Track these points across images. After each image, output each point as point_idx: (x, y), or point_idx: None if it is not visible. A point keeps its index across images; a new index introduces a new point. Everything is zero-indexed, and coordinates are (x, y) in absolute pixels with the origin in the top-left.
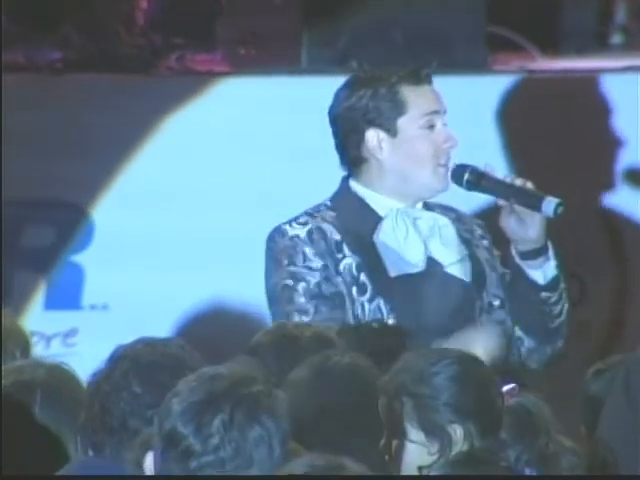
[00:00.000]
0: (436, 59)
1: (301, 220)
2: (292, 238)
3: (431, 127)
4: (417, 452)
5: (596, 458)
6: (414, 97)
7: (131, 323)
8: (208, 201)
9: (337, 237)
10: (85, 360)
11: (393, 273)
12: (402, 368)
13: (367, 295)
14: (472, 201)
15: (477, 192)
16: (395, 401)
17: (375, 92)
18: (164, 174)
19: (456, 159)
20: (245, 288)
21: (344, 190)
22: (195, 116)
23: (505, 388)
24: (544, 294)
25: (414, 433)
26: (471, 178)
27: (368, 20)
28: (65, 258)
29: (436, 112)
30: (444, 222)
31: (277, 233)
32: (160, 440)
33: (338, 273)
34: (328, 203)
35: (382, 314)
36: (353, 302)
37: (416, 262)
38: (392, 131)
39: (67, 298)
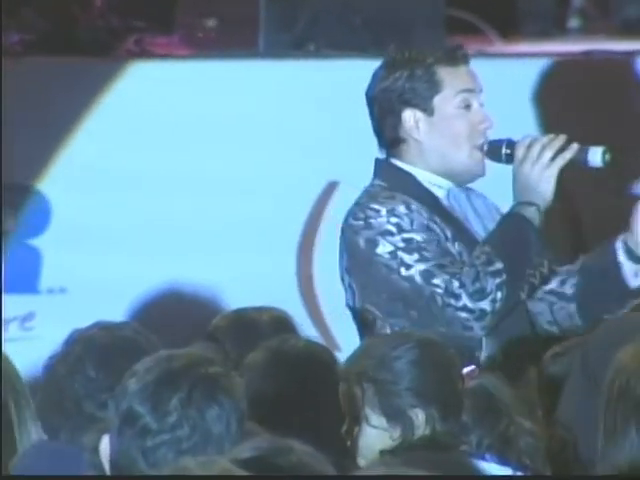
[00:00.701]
0: (394, 42)
1: (384, 195)
2: (390, 211)
3: (467, 107)
4: (379, 437)
5: (554, 440)
6: (450, 77)
7: (89, 307)
8: (167, 186)
9: (424, 208)
10: (43, 344)
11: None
12: (363, 354)
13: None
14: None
15: None
16: (356, 387)
17: (412, 73)
18: (123, 158)
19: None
20: (203, 273)
21: (392, 169)
22: (154, 99)
23: (465, 370)
24: (628, 296)
25: (375, 418)
26: (509, 151)
27: (327, 3)
28: (21, 241)
29: (471, 90)
30: (492, 203)
31: (365, 212)
32: (117, 420)
33: (447, 240)
34: (383, 184)
35: None
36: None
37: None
38: (428, 110)
39: (25, 281)
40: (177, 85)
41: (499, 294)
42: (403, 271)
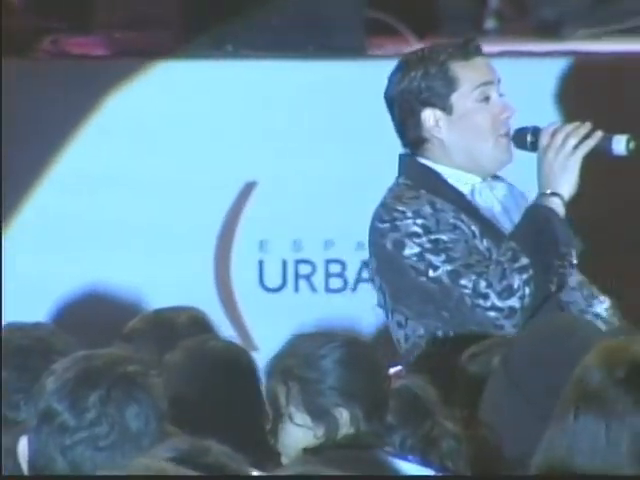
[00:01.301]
0: (313, 44)
1: (409, 195)
2: (416, 212)
3: (486, 99)
4: (303, 436)
5: (476, 440)
6: (465, 72)
7: (4, 306)
8: (84, 185)
9: (449, 206)
10: None
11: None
12: (288, 352)
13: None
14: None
15: None
16: (280, 385)
17: (426, 72)
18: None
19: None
20: (120, 274)
21: (417, 167)
22: (74, 100)
23: (392, 370)
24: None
25: (299, 417)
26: (534, 139)
27: (246, 4)
28: None
29: (489, 83)
30: (518, 191)
31: (391, 214)
32: (35, 419)
33: (474, 237)
34: (408, 182)
35: None
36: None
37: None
38: (447, 109)
39: None
40: (92, 84)
41: (527, 290)
42: (431, 273)
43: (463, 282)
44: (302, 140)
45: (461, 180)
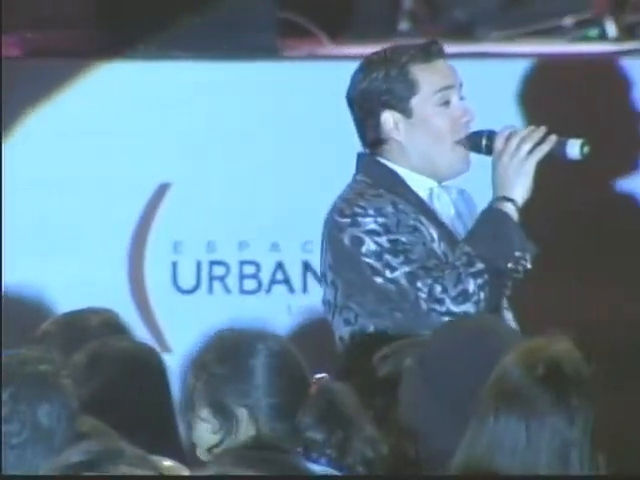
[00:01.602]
0: (228, 44)
1: (371, 193)
2: (378, 210)
3: (446, 103)
4: (205, 430)
5: (393, 442)
6: (425, 75)
7: None
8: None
9: (410, 208)
10: None
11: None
12: (207, 347)
13: None
14: None
15: None
16: (193, 379)
17: (387, 74)
18: None
19: None
20: (32, 276)
21: (377, 166)
22: None
23: (316, 376)
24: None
25: (204, 412)
26: (489, 142)
27: (157, 4)
28: None
29: (450, 87)
30: (468, 195)
31: (352, 209)
32: None
33: (433, 240)
34: (368, 180)
35: None
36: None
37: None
38: (407, 112)
39: None
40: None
41: (482, 294)
42: (388, 273)
43: (419, 285)
44: (216, 141)
45: (419, 183)
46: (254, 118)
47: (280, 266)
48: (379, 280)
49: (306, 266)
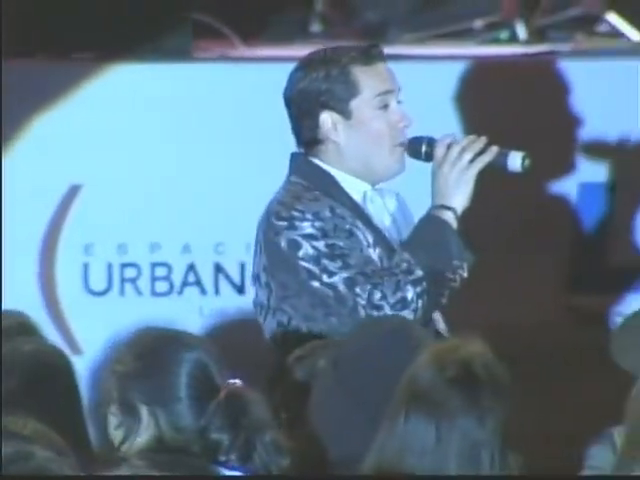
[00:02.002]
0: (142, 46)
1: (309, 197)
2: (315, 214)
3: (385, 107)
4: (111, 425)
5: (302, 444)
6: (366, 78)
7: None
8: None
9: (346, 212)
10: None
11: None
12: (125, 345)
13: None
14: None
15: None
16: (111, 373)
17: (327, 74)
18: None
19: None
20: None
21: (310, 167)
22: None
23: (229, 381)
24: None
25: (113, 406)
26: (429, 149)
27: (70, 5)
28: None
29: (390, 91)
30: (402, 199)
31: (289, 212)
32: None
33: (369, 246)
34: (303, 182)
35: None
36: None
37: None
38: (346, 113)
39: None
40: None
41: (420, 302)
42: (325, 278)
43: (358, 291)
44: (128, 143)
45: (352, 185)
46: (166, 119)
47: (192, 268)
48: (316, 284)
49: (218, 268)
